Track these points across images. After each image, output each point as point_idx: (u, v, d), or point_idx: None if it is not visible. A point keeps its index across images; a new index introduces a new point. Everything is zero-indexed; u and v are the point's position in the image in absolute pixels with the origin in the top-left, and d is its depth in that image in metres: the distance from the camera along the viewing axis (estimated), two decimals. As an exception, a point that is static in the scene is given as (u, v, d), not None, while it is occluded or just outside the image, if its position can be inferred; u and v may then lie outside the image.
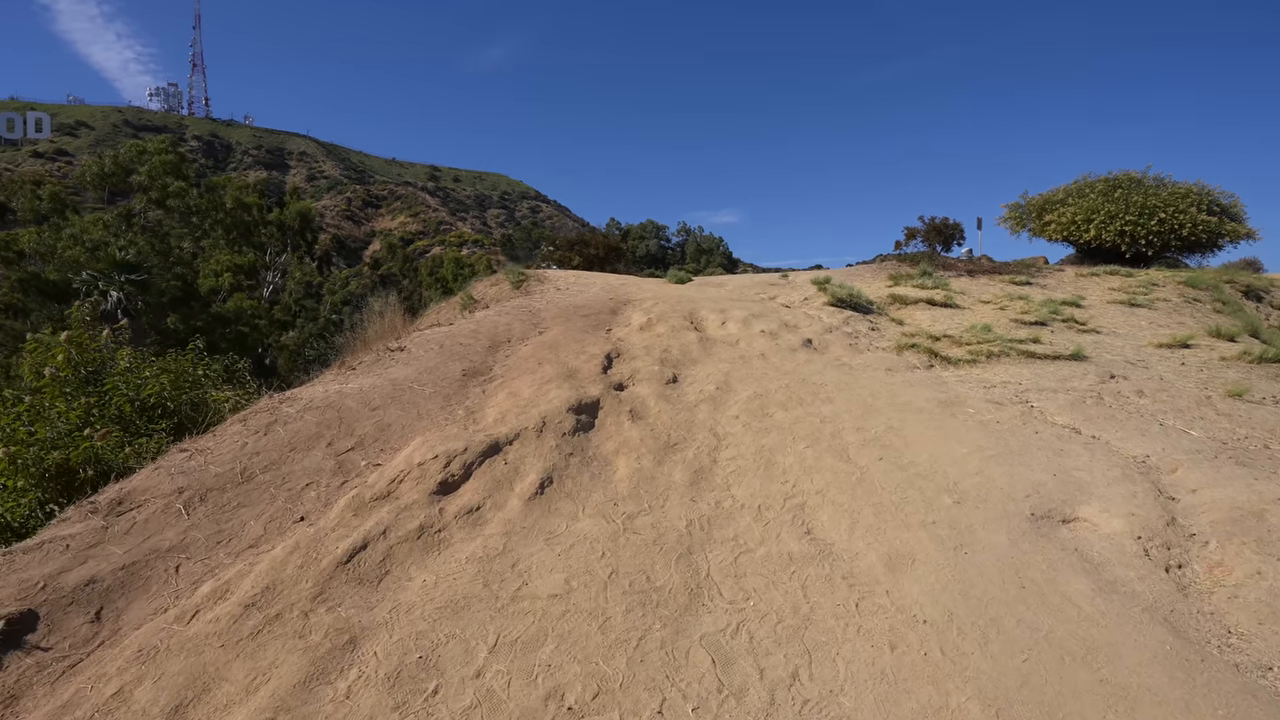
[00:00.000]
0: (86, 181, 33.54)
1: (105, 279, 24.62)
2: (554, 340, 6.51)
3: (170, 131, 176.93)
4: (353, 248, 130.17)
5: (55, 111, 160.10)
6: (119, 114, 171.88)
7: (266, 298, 41.96)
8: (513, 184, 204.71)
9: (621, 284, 12.13)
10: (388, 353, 6.01)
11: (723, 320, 7.84)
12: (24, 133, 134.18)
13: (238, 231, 39.72)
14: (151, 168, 32.73)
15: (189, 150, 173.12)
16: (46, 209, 31.68)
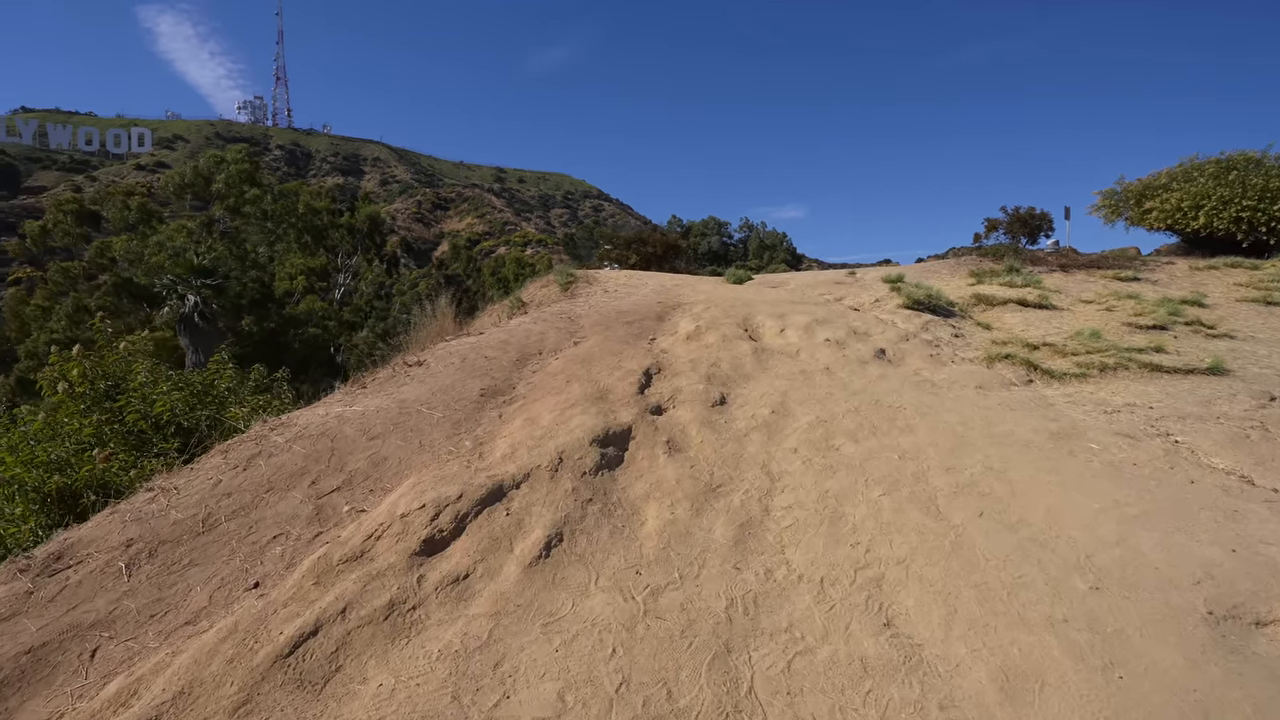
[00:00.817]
0: (170, 192, 35.28)
1: (184, 283, 25.68)
2: (589, 353, 5.80)
3: (256, 142, 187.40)
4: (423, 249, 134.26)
5: (155, 127, 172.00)
6: (211, 127, 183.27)
7: (338, 299, 43.31)
8: (575, 183, 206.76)
9: (674, 285, 11.35)
10: (404, 368, 5.44)
11: (781, 327, 6.94)
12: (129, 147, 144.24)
13: (310, 235, 41.11)
14: (228, 176, 34.11)
15: (273, 159, 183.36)
16: (134, 218, 33.48)
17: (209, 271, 26.02)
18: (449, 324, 13.92)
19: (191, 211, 40.00)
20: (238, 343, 34.52)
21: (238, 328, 33.76)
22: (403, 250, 68.75)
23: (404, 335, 13.89)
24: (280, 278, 37.82)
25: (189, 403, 5.97)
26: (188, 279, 25.18)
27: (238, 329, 33.87)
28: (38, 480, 4.99)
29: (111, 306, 32.93)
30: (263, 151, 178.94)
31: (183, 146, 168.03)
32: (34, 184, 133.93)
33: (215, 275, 26.26)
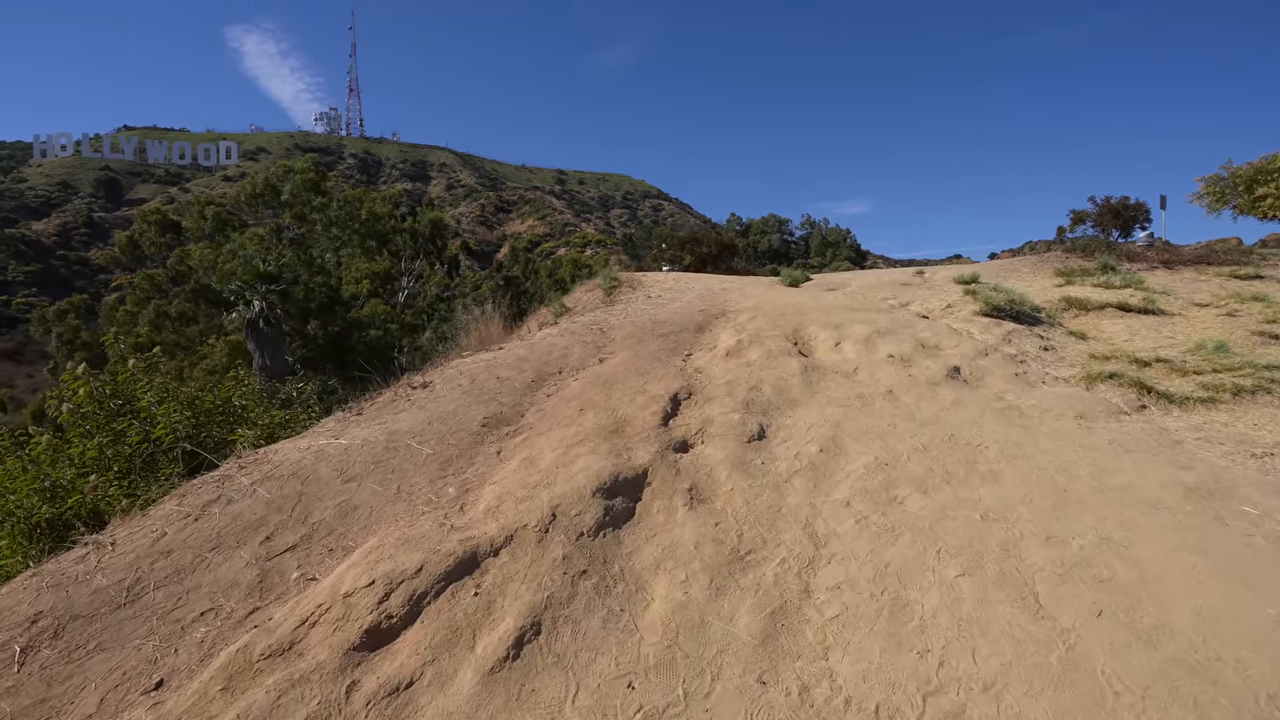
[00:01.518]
0: (241, 201, 36.74)
1: (250, 289, 26.54)
2: (612, 373, 5.14)
3: (331, 151, 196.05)
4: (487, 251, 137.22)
5: (241, 140, 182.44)
6: (290, 139, 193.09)
7: (402, 302, 44.31)
8: (635, 184, 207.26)
9: (722, 289, 10.56)
10: (408, 391, 4.91)
11: (837, 339, 6.09)
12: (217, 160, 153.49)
13: (375, 240, 42.18)
14: (294, 186, 35.23)
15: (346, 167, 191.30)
16: (210, 228, 35.02)
17: (274, 277, 26.78)
18: (495, 330, 13.55)
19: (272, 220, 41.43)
20: (304, 346, 35.70)
21: (305, 331, 34.89)
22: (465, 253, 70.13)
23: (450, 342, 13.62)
24: (346, 281, 38.91)
25: (194, 423, 5.64)
26: (254, 285, 26.02)
27: (305, 333, 35.00)
28: (29, 509, 4.71)
29: (189, 313, 34.58)
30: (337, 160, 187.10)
31: (265, 158, 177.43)
32: (135, 196, 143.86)
33: (280, 281, 27.05)
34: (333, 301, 37.78)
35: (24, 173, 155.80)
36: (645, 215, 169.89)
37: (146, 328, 36.29)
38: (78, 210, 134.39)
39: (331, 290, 37.82)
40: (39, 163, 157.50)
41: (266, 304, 26.45)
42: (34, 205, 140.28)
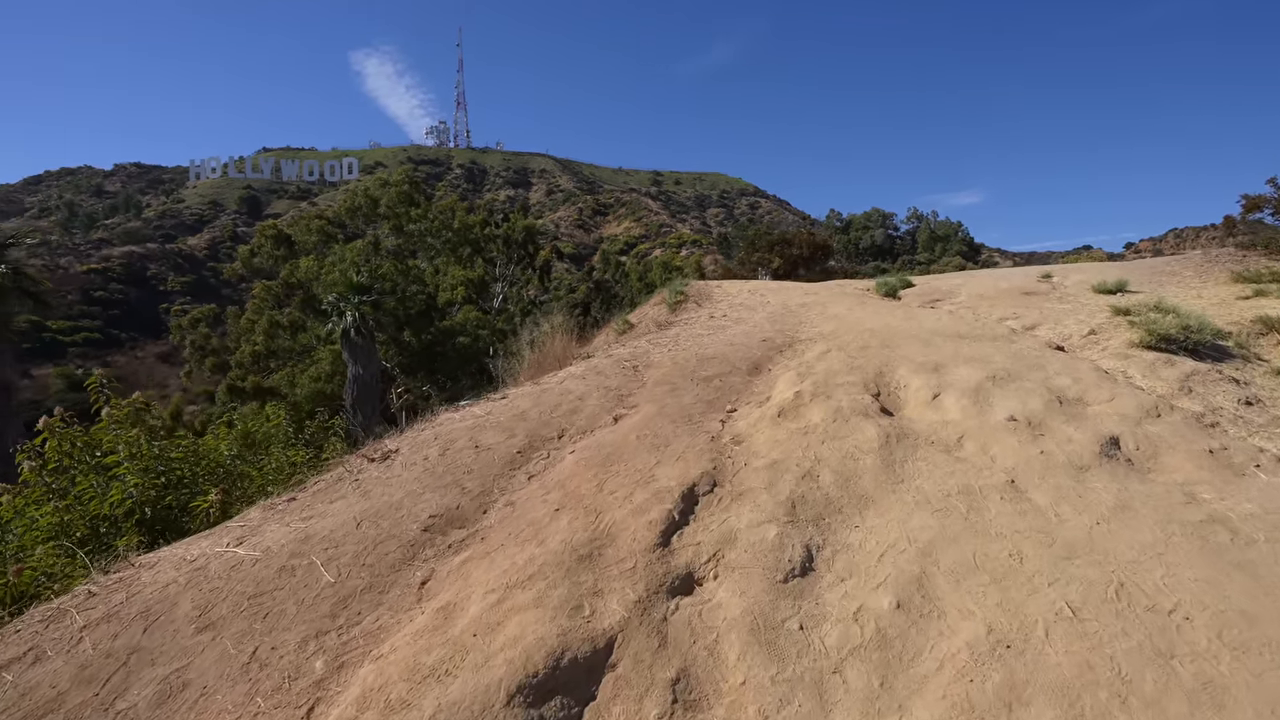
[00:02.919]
0: (342, 214, 38.43)
1: (344, 301, 27.41)
2: (621, 442, 3.90)
3: (440, 162, 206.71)
4: (584, 254, 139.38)
5: (361, 156, 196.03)
6: (404, 152, 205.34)
7: (496, 308, 45.08)
8: (731, 182, 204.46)
9: (801, 305, 9.04)
10: (364, 464, 3.91)
11: (935, 389, 4.53)
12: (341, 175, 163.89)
13: (469, 248, 43.11)
14: (390, 198, 36.40)
15: (454, 177, 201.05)
16: (315, 241, 36.86)
17: (366, 289, 27.56)
18: (559, 346, 12.66)
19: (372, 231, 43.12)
20: (400, 353, 36.85)
21: (400, 339, 35.97)
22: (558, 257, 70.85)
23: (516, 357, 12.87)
24: (442, 289, 39.92)
25: (157, 486, 4.94)
26: (347, 296, 26.83)
27: (400, 340, 36.10)
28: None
29: (299, 322, 36.54)
30: (445, 170, 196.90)
31: (382, 171, 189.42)
32: (271, 212, 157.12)
33: (371, 292, 27.78)
34: (428, 309, 38.83)
35: (182, 194, 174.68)
36: (742, 213, 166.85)
37: (262, 336, 38.75)
38: (224, 226, 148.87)
39: (428, 298, 38.89)
40: (194, 184, 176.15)
41: (359, 315, 27.24)
42: (189, 222, 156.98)
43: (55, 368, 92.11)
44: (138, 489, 4.75)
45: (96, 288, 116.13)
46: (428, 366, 38.30)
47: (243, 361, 39.08)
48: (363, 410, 28.33)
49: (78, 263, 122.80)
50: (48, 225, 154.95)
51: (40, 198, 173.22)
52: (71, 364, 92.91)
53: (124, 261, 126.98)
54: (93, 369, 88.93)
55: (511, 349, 12.79)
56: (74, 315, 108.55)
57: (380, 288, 32.40)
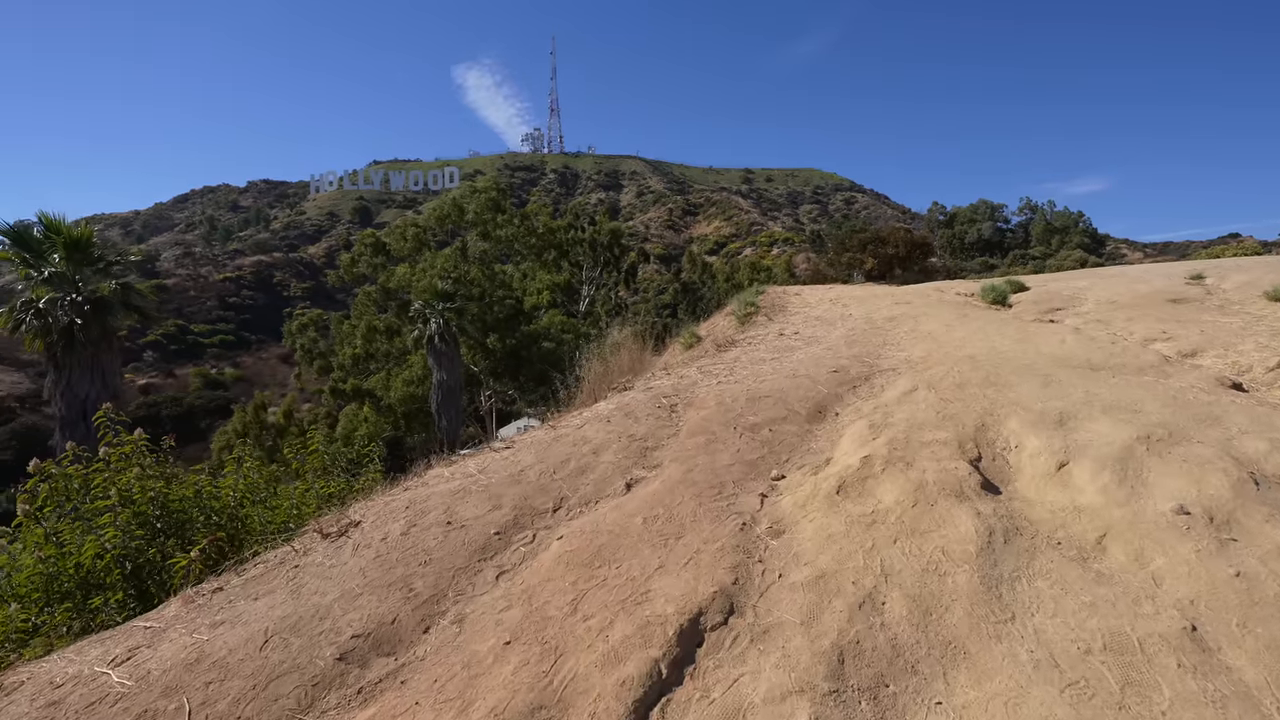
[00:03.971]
0: (432, 222, 39.54)
1: (430, 308, 27.96)
2: (623, 525, 3.00)
3: (534, 168, 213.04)
4: (674, 255, 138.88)
5: (461, 165, 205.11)
6: (501, 160, 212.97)
7: (583, 311, 45.21)
8: (826, 177, 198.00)
9: (888, 320, 7.78)
10: (314, 542, 3.23)
11: (1062, 451, 3.32)
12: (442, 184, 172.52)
13: (555, 252, 43.39)
14: (477, 205, 37.07)
15: (548, 182, 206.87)
16: (410, 248, 38.11)
17: (450, 295, 27.97)
18: (626, 361, 11.91)
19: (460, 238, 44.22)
20: (486, 357, 37.46)
21: (486, 344, 36.56)
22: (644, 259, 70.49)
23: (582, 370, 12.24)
24: (528, 293, 40.35)
25: (142, 536, 4.51)
26: (432, 304, 27.31)
27: (486, 345, 36.69)
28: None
29: (395, 327, 37.93)
30: (540, 176, 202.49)
31: (481, 179, 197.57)
32: (380, 220, 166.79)
33: (455, 299, 28.15)
34: (515, 314, 39.28)
35: (304, 206, 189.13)
36: (836, 209, 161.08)
37: (361, 340, 40.50)
38: (339, 235, 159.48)
39: (515, 303, 39.34)
40: (313, 197, 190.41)
41: (443, 321, 27.68)
42: (309, 232, 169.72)
43: (194, 368, 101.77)
44: (117, 540, 4.34)
45: (231, 294, 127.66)
46: (513, 371, 38.74)
47: (344, 364, 41.00)
48: (446, 415, 28.79)
49: (216, 272, 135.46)
50: (192, 238, 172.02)
51: (187, 213, 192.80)
52: (208, 364, 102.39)
53: (254, 270, 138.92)
54: (225, 368, 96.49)
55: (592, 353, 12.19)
56: (212, 320, 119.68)
57: (466, 293, 32.93)
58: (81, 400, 13.86)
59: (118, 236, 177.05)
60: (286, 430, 42.51)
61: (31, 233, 14.23)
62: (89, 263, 14.30)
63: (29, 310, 13.44)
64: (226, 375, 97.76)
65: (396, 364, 37.89)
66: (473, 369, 37.07)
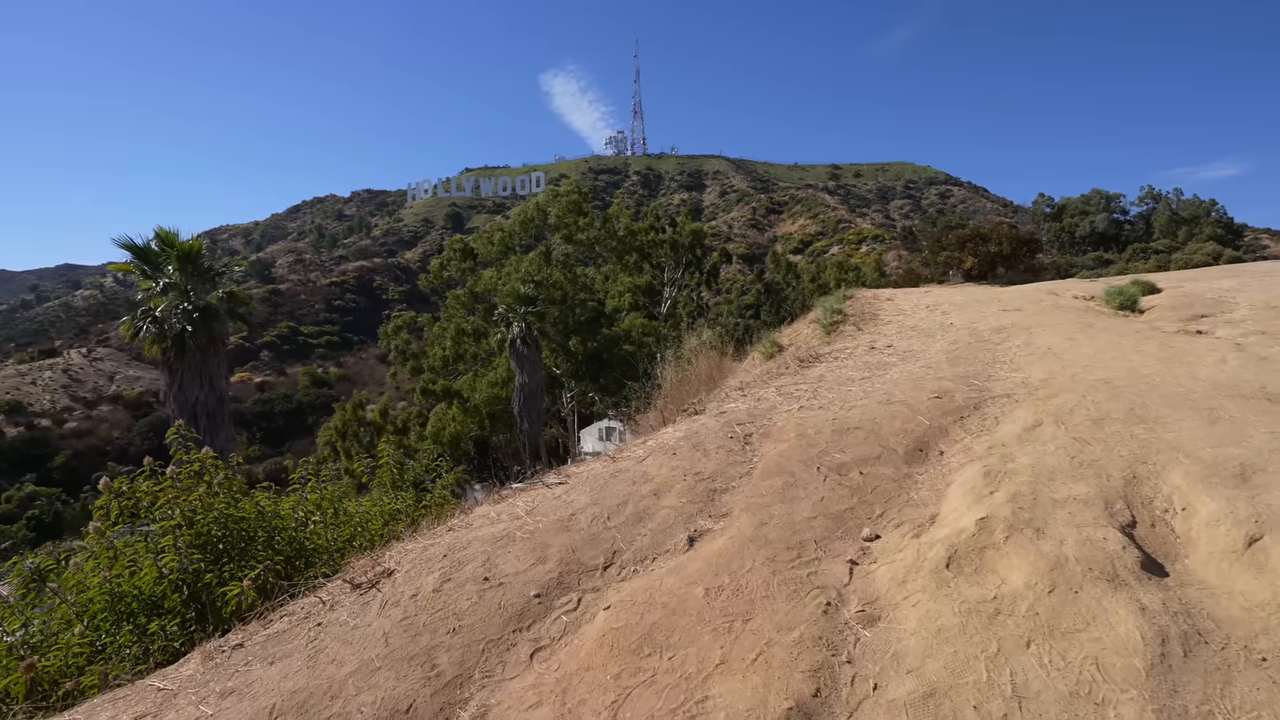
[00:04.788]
0: (515, 227, 40.26)
1: (512, 312, 28.40)
2: (681, 598, 2.53)
3: (617, 171, 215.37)
4: (758, 254, 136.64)
5: (547, 170, 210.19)
6: (585, 164, 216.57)
7: (664, 313, 44.93)
8: (918, 170, 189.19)
9: (996, 330, 6.91)
10: (342, 596, 2.95)
11: (1250, 519, 2.57)
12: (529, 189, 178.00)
13: (637, 254, 43.31)
14: (559, 209, 37.42)
15: (630, 185, 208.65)
16: (496, 253, 39.00)
17: (532, 299, 28.27)
18: (704, 370, 11.45)
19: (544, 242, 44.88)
20: (567, 360, 37.79)
21: (567, 347, 36.87)
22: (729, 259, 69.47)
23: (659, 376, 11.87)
24: (610, 296, 40.46)
25: (202, 560, 4.45)
26: (515, 307, 27.69)
27: (567, 348, 37.01)
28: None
29: (482, 329, 38.95)
30: (623, 178, 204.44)
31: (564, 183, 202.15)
32: (470, 226, 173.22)
33: (537, 303, 28.43)
34: (596, 317, 39.44)
35: (401, 214, 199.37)
36: (930, 204, 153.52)
37: (450, 342, 41.86)
38: (433, 240, 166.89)
39: (597, 306, 39.52)
40: (410, 205, 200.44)
41: (525, 325, 28.03)
42: (406, 238, 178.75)
43: (303, 367, 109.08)
44: (174, 565, 4.28)
45: (336, 298, 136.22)
46: (594, 373, 38.89)
47: (434, 365, 42.49)
48: (528, 417, 29.14)
49: (323, 277, 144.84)
50: (303, 246, 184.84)
51: (298, 223, 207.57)
52: (315, 364, 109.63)
53: (356, 275, 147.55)
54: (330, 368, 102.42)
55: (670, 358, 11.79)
56: (319, 321, 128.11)
57: (549, 297, 33.25)
58: (192, 403, 14.74)
59: (239, 245, 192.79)
60: (383, 428, 44.61)
61: (150, 246, 15.26)
62: (199, 274, 15.20)
63: (147, 318, 14.41)
64: (331, 374, 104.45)
65: (483, 365, 38.88)
66: (554, 371, 37.51)
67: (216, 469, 5.17)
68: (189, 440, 5.35)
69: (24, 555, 5.40)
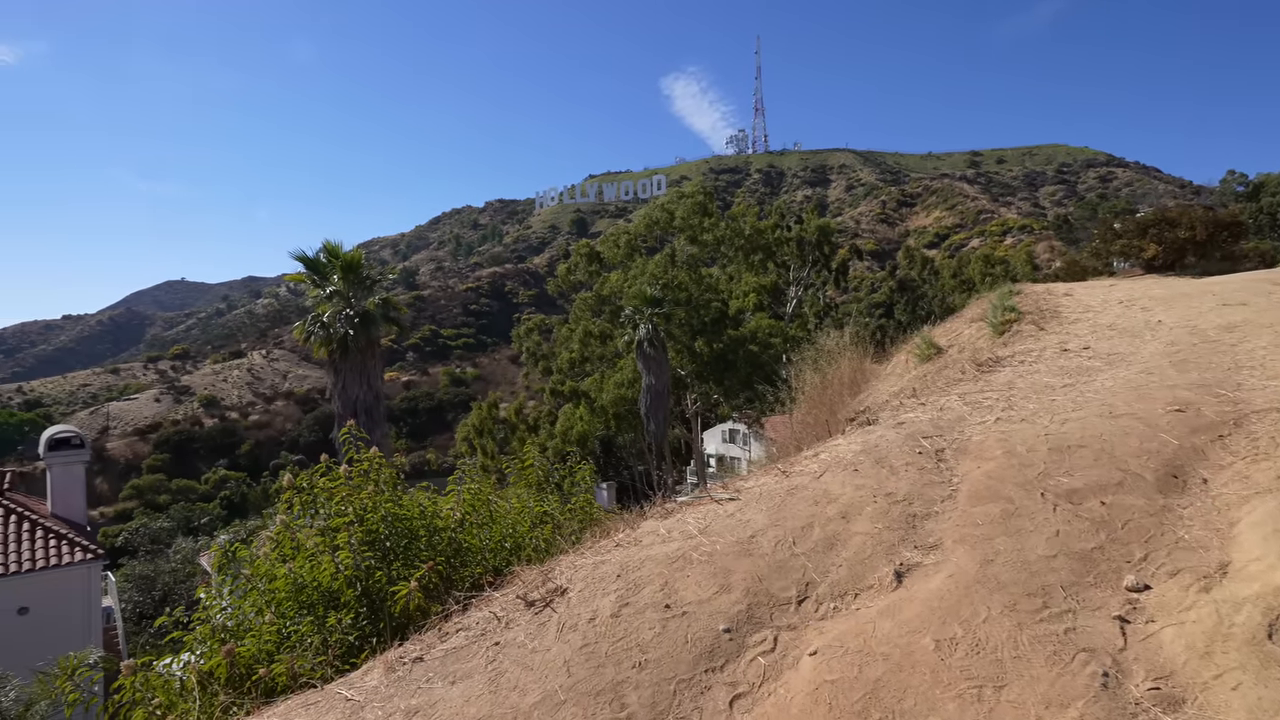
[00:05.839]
0: (640, 229, 40.55)
1: (639, 313, 28.58)
2: (904, 650, 2.13)
3: (738, 170, 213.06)
4: (887, 250, 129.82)
5: (668, 172, 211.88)
6: (705, 164, 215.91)
7: (790, 312, 43.63)
8: (1073, 152, 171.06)
9: (1225, 328, 5.83)
10: (518, 613, 2.81)
11: None
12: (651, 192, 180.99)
13: (762, 253, 42.35)
14: (684, 210, 37.27)
15: (752, 183, 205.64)
16: (621, 255, 39.55)
17: (658, 301, 28.28)
18: (845, 373, 10.82)
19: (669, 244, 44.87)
20: (692, 361, 37.55)
21: (692, 348, 36.64)
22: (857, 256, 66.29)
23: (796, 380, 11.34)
24: (734, 296, 39.82)
25: (368, 558, 4.59)
26: (641, 309, 27.83)
27: (693, 349, 36.77)
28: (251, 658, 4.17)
29: (608, 331, 39.68)
30: (744, 177, 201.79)
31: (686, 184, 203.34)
32: (595, 230, 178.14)
33: (663, 304, 28.39)
34: (721, 318, 38.96)
35: (529, 221, 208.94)
36: (1089, 188, 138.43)
37: (577, 344, 43.00)
38: (559, 246, 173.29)
39: (721, 306, 39.02)
40: (538, 212, 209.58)
41: (652, 326, 28.11)
42: (534, 244, 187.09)
43: (443, 367, 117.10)
44: (349, 562, 4.44)
45: (471, 302, 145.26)
46: (718, 375, 38.39)
47: (562, 367, 43.81)
48: (654, 418, 29.20)
49: (460, 283, 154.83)
50: (442, 254, 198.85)
51: (439, 233, 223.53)
52: (454, 364, 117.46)
53: (489, 280, 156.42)
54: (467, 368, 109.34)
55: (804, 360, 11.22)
56: (457, 325, 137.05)
57: (674, 298, 33.17)
58: (353, 400, 15.99)
59: (389, 255, 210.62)
60: (516, 427, 46.66)
61: (319, 258, 16.74)
62: (359, 282, 16.48)
63: (316, 323, 15.80)
64: (468, 374, 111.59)
65: (609, 367, 39.56)
66: (679, 372, 37.43)
67: (381, 468, 5.38)
68: (359, 439, 5.62)
69: (217, 533, 5.96)
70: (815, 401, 10.15)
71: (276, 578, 4.60)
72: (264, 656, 4.16)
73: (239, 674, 3.96)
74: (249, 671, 3.97)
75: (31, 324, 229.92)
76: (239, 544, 5.23)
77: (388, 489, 5.25)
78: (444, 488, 5.83)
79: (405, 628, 4.05)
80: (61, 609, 13.38)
